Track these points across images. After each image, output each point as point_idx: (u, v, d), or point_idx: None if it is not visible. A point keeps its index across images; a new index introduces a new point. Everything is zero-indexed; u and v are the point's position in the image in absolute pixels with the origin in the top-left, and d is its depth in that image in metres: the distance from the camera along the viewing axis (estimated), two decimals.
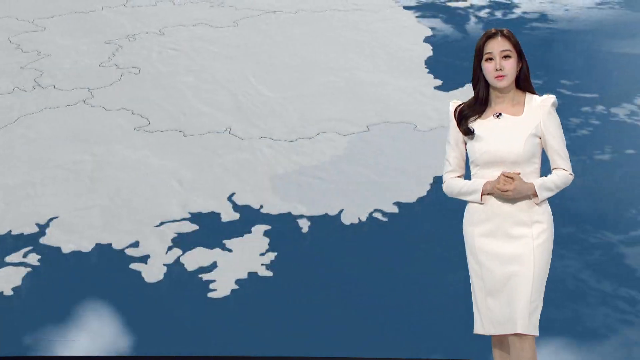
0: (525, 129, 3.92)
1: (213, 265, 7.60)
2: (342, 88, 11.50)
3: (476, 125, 3.98)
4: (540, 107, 3.95)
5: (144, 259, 7.71)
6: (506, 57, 3.92)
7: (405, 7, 15.26)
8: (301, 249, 7.90)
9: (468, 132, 3.99)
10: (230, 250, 7.82)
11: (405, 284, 7.55)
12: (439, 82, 11.71)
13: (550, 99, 3.98)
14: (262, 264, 7.60)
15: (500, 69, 3.89)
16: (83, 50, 12.76)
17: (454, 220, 8.74)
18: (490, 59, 3.92)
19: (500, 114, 3.95)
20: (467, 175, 4.18)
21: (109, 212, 8.54)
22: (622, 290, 7.64)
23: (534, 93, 4.03)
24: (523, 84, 4.01)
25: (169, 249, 7.86)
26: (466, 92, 11.51)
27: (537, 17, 15.69)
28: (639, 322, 7.25)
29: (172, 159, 9.53)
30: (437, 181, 9.05)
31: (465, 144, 4.05)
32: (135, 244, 7.93)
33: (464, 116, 4.01)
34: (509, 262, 3.90)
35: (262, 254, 7.75)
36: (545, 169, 4.07)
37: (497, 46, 3.94)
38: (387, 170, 9.22)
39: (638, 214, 8.97)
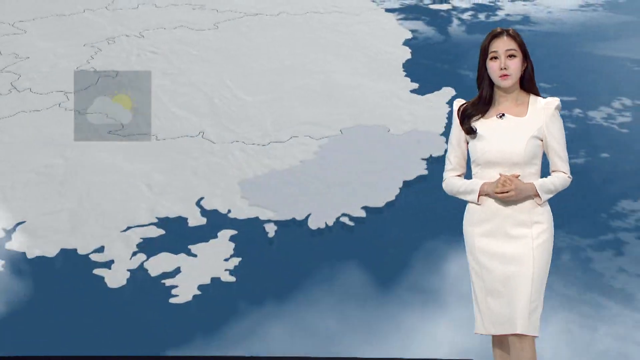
0: (527, 131, 3.88)
1: (177, 271, 7.60)
2: (318, 91, 11.49)
3: (479, 124, 3.94)
4: (544, 109, 3.91)
5: (108, 264, 7.70)
6: (511, 56, 3.87)
7: (388, 10, 15.25)
8: (266, 254, 7.90)
9: (470, 131, 3.94)
10: (195, 256, 7.81)
11: (370, 289, 7.54)
12: (415, 86, 11.70)
13: (554, 101, 3.94)
14: (226, 270, 7.60)
15: (505, 68, 3.85)
16: (62, 53, 12.75)
17: (421, 225, 8.77)
18: (495, 57, 3.87)
19: (503, 115, 3.91)
20: (468, 175, 4.16)
21: (77, 216, 8.53)
22: (587, 296, 7.64)
23: (538, 95, 3.99)
24: (527, 84, 3.95)
25: (134, 254, 7.85)
26: (443, 96, 11.52)
27: (520, 19, 15.67)
28: (602, 328, 7.24)
29: (143, 162, 9.52)
30: (407, 185, 9.05)
31: (467, 143, 4.02)
32: (101, 249, 7.92)
33: (467, 115, 3.97)
34: (509, 262, 3.86)
35: (227, 260, 7.75)
36: (546, 171, 4.06)
37: (503, 45, 3.88)
38: (356, 174, 9.20)
39: (608, 218, 8.97)
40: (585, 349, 7.04)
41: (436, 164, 9.32)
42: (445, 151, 10.79)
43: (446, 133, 10.22)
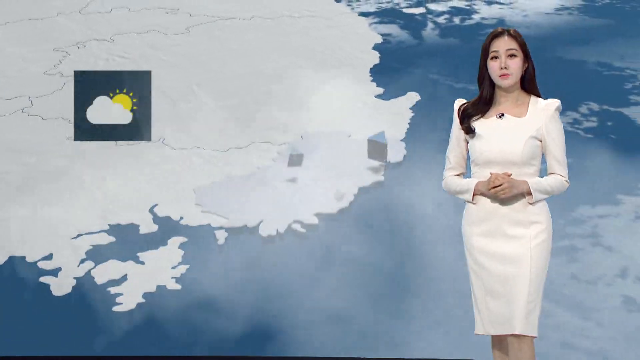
0: (526, 131, 3.87)
1: (123, 279, 7.61)
2: (284, 96, 11.48)
3: (478, 124, 3.93)
4: (544, 110, 3.91)
5: (55, 272, 7.71)
6: (512, 56, 3.87)
7: (363, 14, 15.24)
8: (215, 261, 7.89)
9: (469, 131, 3.94)
10: (142, 263, 7.81)
11: (320, 296, 7.54)
12: (380, 91, 11.69)
13: (555, 103, 3.93)
14: (172, 277, 7.60)
15: (506, 68, 3.85)
16: (30, 58, 12.75)
17: (373, 232, 8.76)
18: (496, 57, 3.87)
19: (503, 115, 3.91)
20: (468, 175, 4.17)
21: (30, 223, 8.53)
22: None
23: (539, 96, 3.99)
24: (528, 85, 3.94)
25: (82, 261, 7.86)
26: (407, 101, 11.51)
27: (495, 23, 15.64)
28: (545, 336, 7.21)
29: (101, 168, 9.52)
30: (362, 192, 9.04)
31: (467, 143, 4.02)
32: (49, 257, 7.93)
33: (467, 115, 3.97)
34: (507, 262, 3.85)
35: (174, 267, 7.75)
36: (546, 174, 4.04)
37: (503, 45, 3.89)
38: (311, 180, 9.20)
39: (566, 224, 8.95)
40: None
41: (394, 169, 9.31)
42: (405, 157, 10.66)
43: (406, 139, 10.22)
